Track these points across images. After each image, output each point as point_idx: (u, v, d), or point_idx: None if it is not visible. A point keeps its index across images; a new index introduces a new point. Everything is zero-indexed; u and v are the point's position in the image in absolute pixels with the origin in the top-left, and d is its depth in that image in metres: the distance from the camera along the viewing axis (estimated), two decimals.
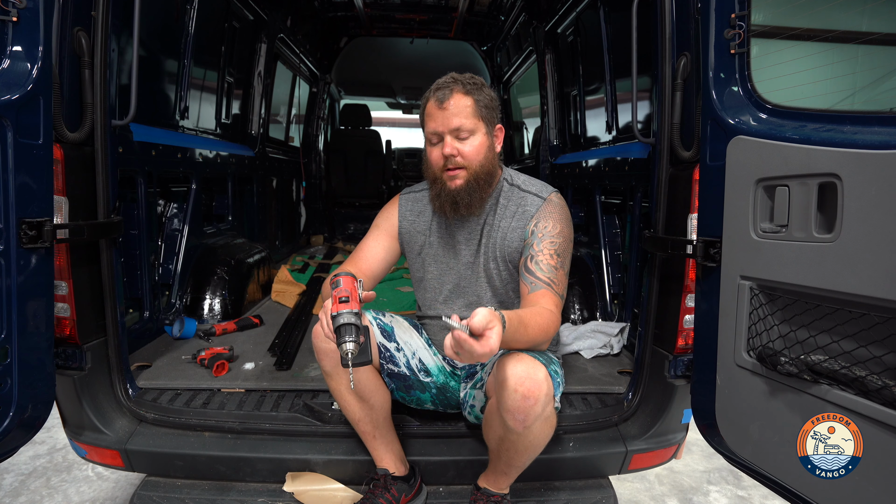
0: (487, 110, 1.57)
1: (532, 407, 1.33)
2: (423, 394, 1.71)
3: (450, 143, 1.54)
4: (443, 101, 1.52)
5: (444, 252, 1.71)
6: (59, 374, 1.63)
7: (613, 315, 2.68)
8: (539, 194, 1.64)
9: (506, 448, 1.49)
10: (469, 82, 1.55)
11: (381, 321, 1.66)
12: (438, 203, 1.62)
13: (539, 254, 1.54)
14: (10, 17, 1.37)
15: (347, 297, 1.33)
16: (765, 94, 1.45)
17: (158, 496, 1.69)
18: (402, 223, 1.75)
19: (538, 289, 1.51)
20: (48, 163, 1.47)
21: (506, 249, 1.63)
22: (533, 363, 1.35)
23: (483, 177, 1.58)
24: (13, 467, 2.52)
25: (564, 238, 1.58)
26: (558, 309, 1.50)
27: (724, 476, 2.58)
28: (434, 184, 1.62)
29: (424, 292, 1.77)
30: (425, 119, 1.58)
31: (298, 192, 5.17)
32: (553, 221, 1.58)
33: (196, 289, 2.72)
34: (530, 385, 1.32)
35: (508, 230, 1.63)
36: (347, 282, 1.37)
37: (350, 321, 1.28)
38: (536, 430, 1.41)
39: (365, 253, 1.71)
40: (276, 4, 3.72)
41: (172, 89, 2.66)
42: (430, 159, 1.59)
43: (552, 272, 1.52)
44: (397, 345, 1.66)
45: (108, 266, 1.69)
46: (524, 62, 4.45)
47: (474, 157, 1.55)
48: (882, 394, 1.09)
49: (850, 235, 1.12)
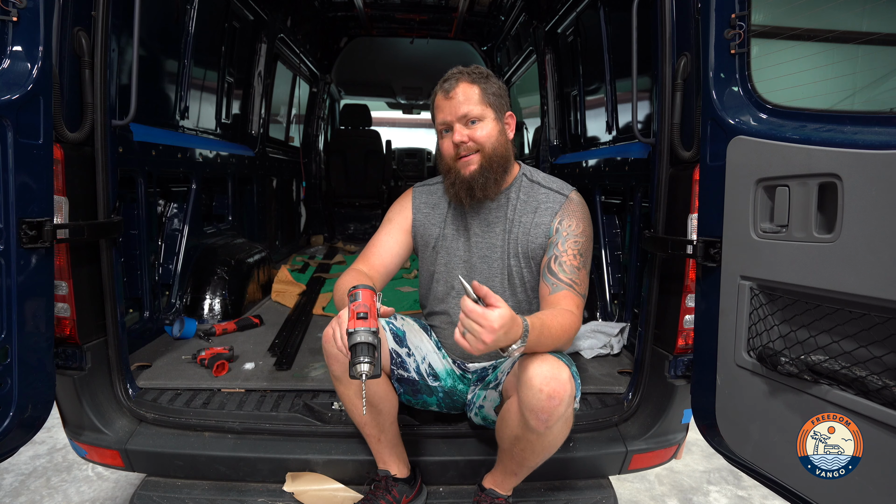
0: (496, 97, 1.57)
1: (556, 407, 1.33)
2: (429, 397, 1.71)
3: (459, 129, 1.54)
4: (449, 92, 1.53)
5: (459, 245, 1.69)
6: (59, 374, 1.63)
7: (613, 315, 2.68)
8: (561, 191, 1.63)
9: (521, 448, 1.48)
10: (475, 72, 1.56)
11: (393, 326, 1.65)
12: (454, 191, 1.60)
13: (563, 254, 1.54)
14: (10, 17, 1.37)
15: (366, 313, 1.24)
16: (765, 94, 1.45)
17: (158, 496, 1.69)
18: (416, 216, 1.73)
19: (559, 290, 1.50)
20: (48, 163, 1.47)
21: (529, 245, 1.61)
22: (558, 364, 1.35)
23: (497, 160, 1.57)
24: (13, 467, 2.52)
25: (587, 237, 1.58)
26: (579, 310, 1.49)
27: (724, 476, 2.58)
28: (448, 174, 1.61)
29: (436, 285, 1.73)
30: (435, 112, 1.59)
31: (298, 192, 5.18)
32: (577, 220, 1.58)
33: (196, 289, 2.72)
34: (556, 385, 1.31)
35: (532, 226, 1.61)
36: (367, 296, 1.28)
37: (367, 340, 1.20)
38: (556, 431, 1.41)
39: (378, 248, 1.69)
40: (276, 4, 3.72)
41: (172, 89, 2.66)
42: (443, 150, 1.59)
43: (574, 273, 1.52)
44: (408, 350, 1.65)
45: (108, 266, 1.69)
46: (524, 62, 4.45)
47: (486, 141, 1.55)
48: (882, 394, 1.09)
49: (850, 235, 1.12)
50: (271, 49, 3.81)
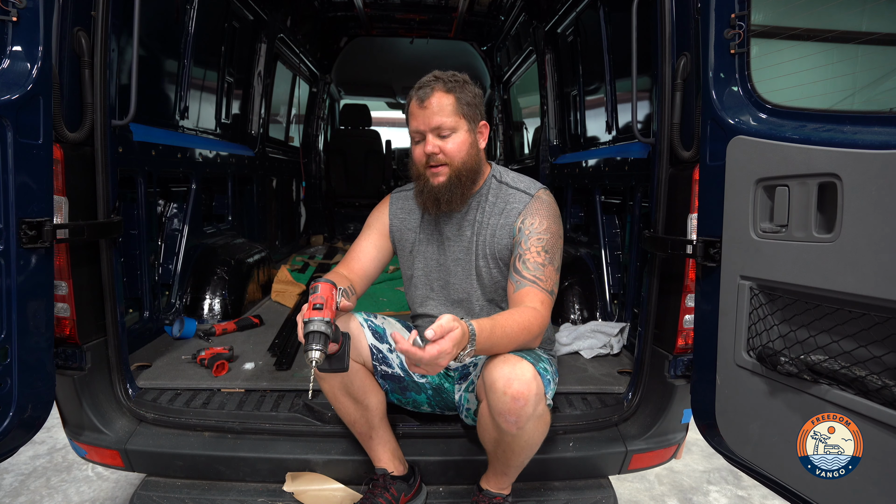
0: (469, 107, 1.57)
1: (523, 408, 1.32)
2: (419, 395, 1.71)
3: (431, 140, 1.55)
4: (423, 100, 1.54)
5: (433, 249, 1.72)
6: (59, 374, 1.63)
7: (613, 315, 2.68)
8: (527, 191, 1.63)
9: (502, 450, 1.48)
10: (451, 80, 1.56)
11: (372, 323, 1.66)
12: (422, 199, 1.64)
13: (526, 252, 1.54)
14: (10, 17, 1.37)
15: (322, 304, 1.32)
16: (765, 94, 1.45)
17: (158, 496, 1.69)
18: (392, 221, 1.77)
19: (523, 286, 1.51)
20: (48, 163, 1.47)
21: (495, 247, 1.63)
22: (519, 363, 1.34)
23: (465, 173, 1.59)
24: (13, 467, 2.52)
25: (552, 234, 1.57)
26: (545, 305, 1.49)
27: (724, 476, 2.58)
28: (418, 181, 1.64)
29: (415, 290, 1.77)
30: (409, 118, 1.60)
31: (298, 192, 5.18)
32: (540, 218, 1.58)
33: (196, 289, 2.72)
34: (518, 386, 1.31)
35: (497, 228, 1.63)
36: (325, 289, 1.36)
37: (319, 329, 1.27)
38: (530, 430, 1.41)
39: (358, 253, 1.73)
40: (276, 4, 3.72)
41: (172, 89, 2.66)
42: (414, 157, 1.62)
43: (538, 269, 1.52)
44: (390, 346, 1.65)
45: (107, 266, 1.69)
46: (524, 62, 4.45)
47: (456, 154, 1.56)
48: (882, 394, 1.09)
49: (850, 235, 1.12)
50: (271, 49, 3.80)
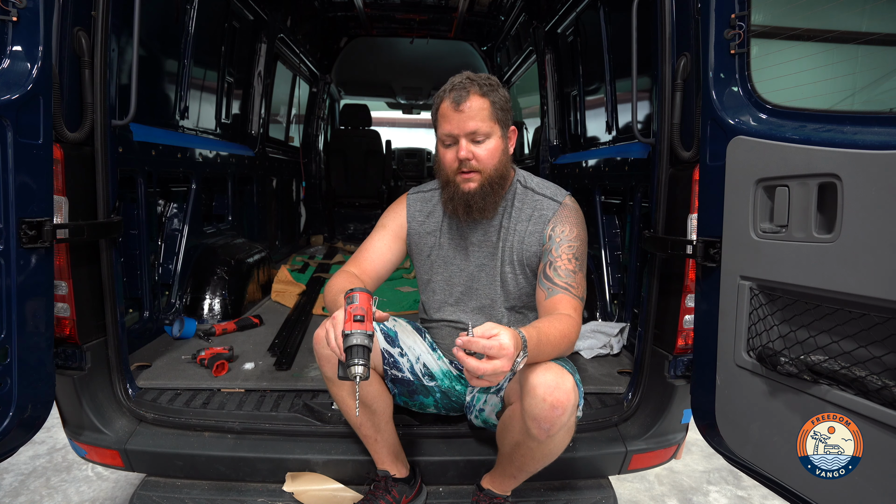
0: (503, 112, 1.54)
1: (559, 417, 1.31)
2: (426, 398, 1.70)
3: (465, 146, 1.50)
4: (459, 103, 1.47)
5: (456, 254, 1.69)
6: (59, 373, 1.63)
7: (613, 315, 2.68)
8: (554, 198, 1.62)
9: (521, 454, 1.47)
10: (486, 83, 1.51)
11: (384, 326, 1.64)
12: (451, 206, 1.59)
13: (557, 259, 1.53)
14: (10, 16, 1.37)
15: (363, 316, 1.24)
16: (765, 94, 1.45)
17: (158, 496, 1.69)
18: (411, 224, 1.72)
19: (555, 293, 1.50)
20: (48, 163, 1.46)
21: (524, 254, 1.61)
22: (562, 372, 1.33)
23: (497, 180, 1.56)
24: (13, 467, 2.52)
25: (581, 241, 1.58)
26: (577, 312, 1.48)
27: (723, 476, 2.58)
28: (447, 186, 1.59)
29: (433, 294, 1.73)
30: (439, 120, 1.53)
31: (298, 192, 5.18)
32: (570, 225, 1.58)
33: (196, 289, 2.72)
34: (559, 395, 1.30)
35: (525, 234, 1.61)
36: (364, 299, 1.28)
37: (363, 343, 1.21)
38: (558, 440, 1.40)
39: (370, 253, 1.68)
40: (276, 4, 3.72)
41: (172, 89, 2.66)
42: (444, 161, 1.56)
43: (570, 276, 1.51)
44: (401, 350, 1.64)
45: (107, 266, 1.69)
46: (524, 62, 4.45)
47: (489, 161, 1.52)
48: (882, 394, 1.09)
49: (850, 235, 1.12)
50: (271, 49, 3.81)
